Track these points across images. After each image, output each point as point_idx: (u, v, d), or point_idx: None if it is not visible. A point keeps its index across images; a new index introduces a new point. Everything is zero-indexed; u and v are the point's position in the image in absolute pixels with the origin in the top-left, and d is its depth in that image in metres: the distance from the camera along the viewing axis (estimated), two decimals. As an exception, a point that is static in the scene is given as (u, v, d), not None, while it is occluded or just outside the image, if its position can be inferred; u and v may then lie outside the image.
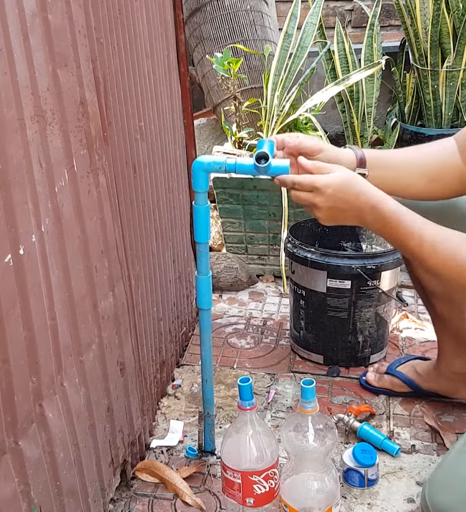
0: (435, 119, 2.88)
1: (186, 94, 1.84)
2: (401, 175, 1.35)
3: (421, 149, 1.38)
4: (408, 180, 1.35)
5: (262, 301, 2.23)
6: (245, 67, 2.64)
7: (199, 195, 1.29)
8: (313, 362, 1.87)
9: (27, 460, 0.96)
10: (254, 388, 1.63)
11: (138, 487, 1.43)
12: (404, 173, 1.35)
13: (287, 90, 2.38)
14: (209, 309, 1.40)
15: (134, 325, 1.42)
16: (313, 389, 1.23)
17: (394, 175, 1.35)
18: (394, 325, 2.04)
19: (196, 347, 1.91)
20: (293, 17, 2.40)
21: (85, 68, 1.12)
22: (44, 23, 0.98)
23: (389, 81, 3.12)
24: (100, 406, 1.24)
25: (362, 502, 1.38)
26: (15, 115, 0.90)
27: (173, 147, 1.73)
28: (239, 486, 1.27)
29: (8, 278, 0.89)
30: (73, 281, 1.10)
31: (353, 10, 3.48)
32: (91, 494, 1.21)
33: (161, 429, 1.61)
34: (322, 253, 1.74)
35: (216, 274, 2.22)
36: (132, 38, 1.37)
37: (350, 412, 1.57)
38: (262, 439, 1.27)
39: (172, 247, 1.73)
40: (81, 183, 1.12)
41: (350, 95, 2.68)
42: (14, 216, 0.90)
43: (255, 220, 2.32)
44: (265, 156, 1.21)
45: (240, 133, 2.48)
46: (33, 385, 0.98)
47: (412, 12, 2.74)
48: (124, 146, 1.33)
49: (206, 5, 2.70)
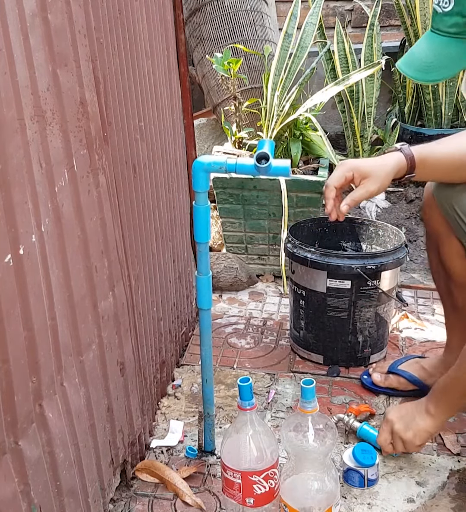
0: (435, 119, 2.88)
1: (186, 94, 1.84)
2: (448, 172, 1.40)
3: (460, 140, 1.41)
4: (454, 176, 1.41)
5: (262, 301, 2.23)
6: (245, 67, 2.65)
7: (200, 195, 1.29)
8: (313, 362, 1.87)
9: (27, 460, 0.96)
10: (254, 388, 1.63)
11: (138, 487, 1.43)
12: (450, 169, 1.40)
13: (287, 90, 2.38)
14: (210, 309, 1.40)
15: (134, 325, 1.42)
16: (313, 389, 1.23)
17: (440, 173, 1.42)
18: (394, 325, 2.04)
19: (196, 347, 1.91)
20: (293, 17, 2.40)
21: (85, 68, 1.12)
22: (44, 23, 0.98)
23: (389, 81, 3.12)
24: (100, 406, 1.24)
25: (362, 502, 1.38)
26: (15, 115, 0.90)
27: (173, 147, 1.73)
28: (239, 486, 1.27)
29: (8, 278, 0.89)
30: (73, 281, 1.10)
31: (353, 10, 3.49)
32: (91, 494, 1.21)
33: (161, 429, 1.61)
34: (322, 253, 1.74)
35: (216, 274, 2.22)
36: (132, 38, 1.37)
37: (350, 412, 1.57)
38: (262, 439, 1.27)
39: (172, 247, 1.73)
40: (81, 183, 1.12)
41: (350, 95, 2.68)
42: (14, 216, 0.90)
43: (255, 220, 2.32)
44: (266, 156, 1.21)
45: (240, 133, 2.48)
46: (33, 385, 0.98)
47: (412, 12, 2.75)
48: (124, 146, 1.33)
49: (206, 5, 2.70)
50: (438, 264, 1.57)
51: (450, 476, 1.44)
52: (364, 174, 1.38)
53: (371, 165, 1.38)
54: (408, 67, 1.30)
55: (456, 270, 1.51)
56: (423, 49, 1.27)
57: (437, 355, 1.68)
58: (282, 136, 2.39)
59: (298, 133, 2.45)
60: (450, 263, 1.52)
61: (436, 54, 1.24)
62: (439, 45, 1.24)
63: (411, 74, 1.29)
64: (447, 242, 1.50)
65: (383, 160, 1.40)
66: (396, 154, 1.39)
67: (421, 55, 1.27)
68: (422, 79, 1.30)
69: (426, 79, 1.29)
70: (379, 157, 1.43)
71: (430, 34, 1.26)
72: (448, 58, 1.22)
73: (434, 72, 1.25)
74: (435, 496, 1.39)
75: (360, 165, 1.39)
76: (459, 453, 1.50)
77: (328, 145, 2.26)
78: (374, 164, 1.39)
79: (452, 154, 1.39)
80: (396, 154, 1.39)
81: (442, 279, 1.58)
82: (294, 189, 2.22)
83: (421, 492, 1.40)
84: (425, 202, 1.56)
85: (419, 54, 1.28)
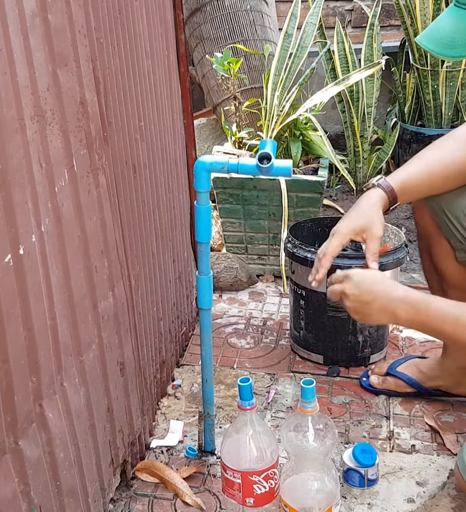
0: (435, 119, 2.88)
1: (186, 94, 1.84)
2: (431, 189, 1.41)
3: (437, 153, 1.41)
4: (440, 189, 1.41)
5: (262, 301, 2.23)
6: (245, 67, 2.64)
7: (201, 195, 1.29)
8: (313, 362, 1.87)
9: (27, 460, 0.96)
10: (254, 388, 1.63)
11: (138, 487, 1.43)
12: (432, 187, 1.41)
13: (287, 90, 2.38)
14: (210, 309, 1.40)
15: (134, 325, 1.42)
16: (313, 389, 1.23)
17: (424, 192, 1.43)
18: (394, 325, 2.04)
19: (196, 347, 1.91)
20: (293, 17, 2.40)
21: (85, 68, 1.12)
22: (44, 23, 0.98)
23: (389, 81, 3.12)
24: (100, 406, 1.24)
25: (362, 502, 1.38)
26: (15, 115, 0.90)
27: (173, 147, 1.73)
28: (239, 486, 1.27)
29: (8, 278, 0.89)
30: (73, 281, 1.10)
31: (353, 10, 3.48)
32: (91, 494, 1.21)
33: (161, 429, 1.61)
34: (322, 253, 1.73)
35: (216, 274, 2.22)
36: (132, 38, 1.37)
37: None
38: (262, 439, 1.27)
39: (172, 247, 1.73)
40: (81, 183, 1.12)
41: (350, 95, 2.68)
42: (14, 216, 0.90)
43: (255, 220, 2.31)
44: (268, 157, 1.21)
45: (240, 133, 2.48)
46: (33, 385, 0.98)
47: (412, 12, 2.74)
48: (124, 146, 1.33)
49: (206, 5, 2.70)
50: (430, 265, 1.57)
51: (450, 476, 1.44)
52: (362, 230, 1.38)
53: (363, 219, 1.38)
54: (430, 42, 1.25)
55: (447, 271, 1.51)
56: (447, 24, 1.22)
57: (436, 356, 1.68)
58: (282, 136, 2.39)
59: (298, 133, 2.44)
60: (442, 264, 1.51)
61: (461, 28, 1.19)
62: (463, 19, 1.19)
63: (435, 49, 1.24)
64: (438, 243, 1.49)
65: (370, 208, 1.39)
66: (376, 191, 1.39)
67: (445, 30, 1.22)
68: (447, 55, 1.26)
69: (451, 55, 1.24)
70: (363, 203, 1.41)
71: (454, 8, 1.21)
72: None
73: (459, 48, 1.20)
74: (435, 496, 1.39)
75: (354, 226, 1.39)
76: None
77: (328, 145, 2.26)
78: (365, 215, 1.38)
79: (432, 172, 1.39)
80: (376, 192, 1.39)
81: (435, 280, 1.58)
82: (294, 189, 2.22)
83: (421, 492, 1.40)
84: (414, 204, 1.56)
85: (443, 29, 1.22)
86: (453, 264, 1.48)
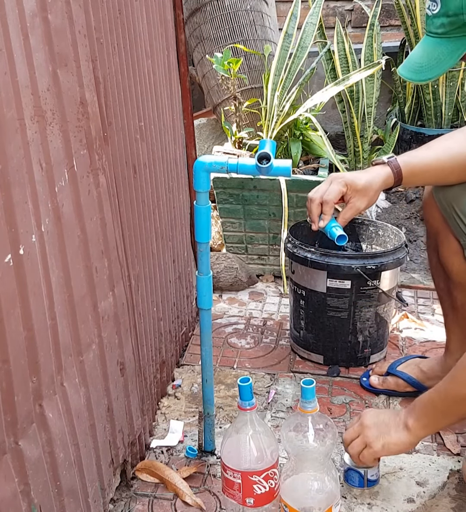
0: (435, 119, 2.89)
1: (186, 94, 1.84)
2: (439, 177, 1.44)
3: (446, 143, 1.45)
4: (447, 180, 1.43)
5: (262, 301, 2.23)
6: (245, 67, 2.65)
7: (201, 195, 1.29)
8: (313, 362, 1.87)
9: (27, 460, 0.96)
10: (254, 388, 1.63)
11: (138, 487, 1.43)
12: (441, 175, 1.43)
13: (287, 90, 2.38)
14: (210, 309, 1.40)
15: (134, 325, 1.42)
16: (313, 389, 1.23)
17: (431, 179, 1.47)
18: (394, 325, 2.04)
19: (196, 347, 1.91)
20: (293, 17, 2.40)
21: (85, 68, 1.12)
22: (44, 23, 0.98)
23: (389, 81, 3.12)
24: (100, 406, 1.24)
25: (362, 502, 1.38)
26: (15, 115, 0.90)
27: (173, 147, 1.73)
28: (239, 486, 1.27)
29: (8, 278, 0.89)
30: (73, 281, 1.10)
31: (353, 10, 3.49)
32: (91, 494, 1.21)
33: (161, 429, 1.61)
34: (322, 253, 1.74)
35: (216, 274, 2.22)
36: (132, 38, 1.37)
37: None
38: (262, 439, 1.27)
39: (172, 247, 1.73)
40: (81, 183, 1.12)
41: (350, 95, 2.68)
42: (14, 216, 0.90)
43: (255, 220, 2.32)
44: (267, 157, 1.21)
45: (240, 133, 2.48)
46: (33, 385, 0.98)
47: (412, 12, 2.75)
48: (124, 146, 1.33)
49: (206, 5, 2.70)
50: (437, 263, 1.58)
51: (450, 476, 1.44)
52: (359, 190, 1.40)
53: (363, 182, 1.41)
54: (404, 69, 1.37)
55: (454, 269, 1.51)
56: (418, 52, 1.34)
57: (437, 356, 1.68)
58: (282, 136, 2.39)
59: (298, 133, 2.45)
60: (449, 262, 1.52)
61: (428, 55, 1.31)
62: (430, 46, 1.30)
63: (406, 75, 1.36)
64: (446, 241, 1.50)
65: (372, 178, 1.42)
66: (384, 169, 1.41)
67: (416, 57, 1.34)
68: (415, 79, 1.37)
69: (419, 78, 1.35)
70: (369, 172, 1.44)
71: (425, 37, 1.33)
72: (438, 58, 1.28)
73: (427, 72, 1.31)
74: (435, 496, 1.39)
75: (355, 181, 1.41)
76: (459, 453, 1.50)
77: (328, 145, 2.26)
78: (366, 180, 1.41)
79: (440, 159, 1.42)
80: (384, 170, 1.41)
81: (441, 278, 1.58)
82: (294, 189, 2.22)
83: (421, 492, 1.40)
84: (425, 200, 1.57)
85: (414, 57, 1.35)
86: (461, 262, 1.49)
